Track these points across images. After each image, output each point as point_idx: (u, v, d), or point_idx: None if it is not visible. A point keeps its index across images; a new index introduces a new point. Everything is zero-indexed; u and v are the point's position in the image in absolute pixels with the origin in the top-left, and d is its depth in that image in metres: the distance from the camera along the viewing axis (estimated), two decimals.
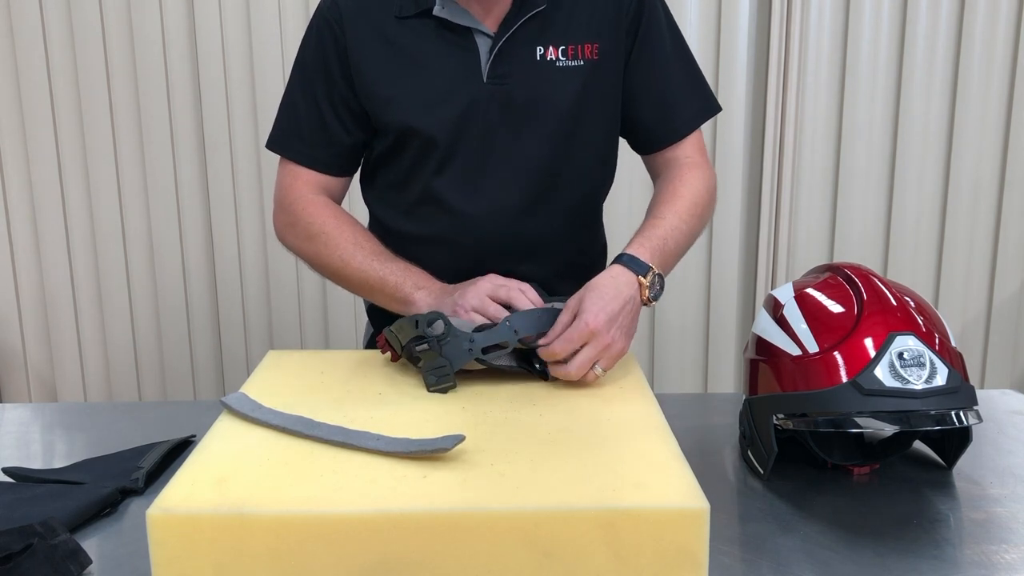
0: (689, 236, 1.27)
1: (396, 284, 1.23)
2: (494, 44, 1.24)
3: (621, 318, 1.10)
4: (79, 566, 0.85)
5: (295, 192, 1.33)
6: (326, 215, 1.30)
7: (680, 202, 1.27)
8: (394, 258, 1.27)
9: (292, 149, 1.33)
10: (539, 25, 1.25)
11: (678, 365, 2.64)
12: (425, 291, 1.21)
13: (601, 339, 1.07)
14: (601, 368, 1.08)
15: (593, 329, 1.06)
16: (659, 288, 1.17)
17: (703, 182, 1.32)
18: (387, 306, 1.26)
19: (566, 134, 1.28)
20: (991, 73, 2.45)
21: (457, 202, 1.29)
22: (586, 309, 1.08)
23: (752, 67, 2.47)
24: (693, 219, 1.27)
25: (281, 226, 1.35)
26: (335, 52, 1.27)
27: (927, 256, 2.56)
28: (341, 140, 1.32)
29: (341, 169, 1.35)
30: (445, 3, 1.23)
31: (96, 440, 1.22)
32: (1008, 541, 0.93)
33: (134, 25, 2.43)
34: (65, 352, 2.66)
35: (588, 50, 1.26)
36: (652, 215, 1.26)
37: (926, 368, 0.96)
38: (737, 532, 0.96)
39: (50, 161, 2.52)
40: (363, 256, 1.26)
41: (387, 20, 1.26)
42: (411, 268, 1.25)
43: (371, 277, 1.25)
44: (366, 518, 0.76)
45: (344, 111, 1.30)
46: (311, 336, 2.62)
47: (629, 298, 1.12)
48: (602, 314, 1.08)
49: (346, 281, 1.29)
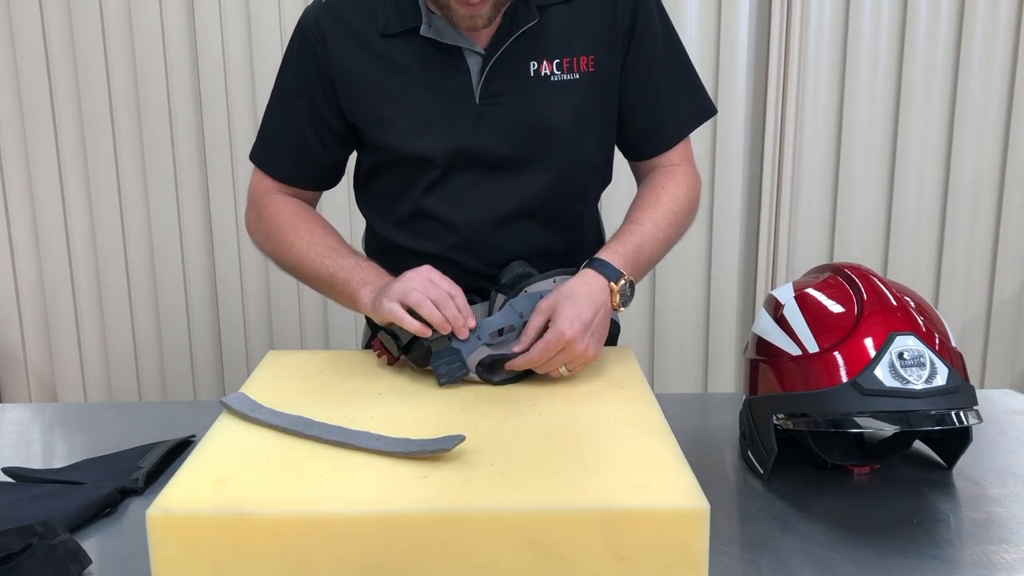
0: (665, 244, 1.27)
1: (344, 281, 1.19)
2: (485, 62, 1.20)
3: (594, 325, 1.11)
4: (79, 566, 0.85)
5: (262, 190, 1.33)
6: (287, 212, 1.30)
7: (659, 210, 1.26)
8: (348, 254, 1.23)
9: (270, 165, 1.32)
10: (532, 39, 1.21)
11: (678, 365, 2.64)
12: (370, 287, 1.17)
13: (576, 347, 1.08)
14: (567, 370, 1.10)
15: (569, 338, 1.07)
16: (629, 295, 1.18)
17: (685, 190, 1.31)
18: (341, 303, 1.23)
19: (563, 149, 1.25)
20: (991, 73, 2.45)
21: (450, 217, 1.26)
22: (561, 316, 1.09)
23: (752, 67, 2.47)
24: (671, 228, 1.27)
25: (251, 224, 1.35)
26: (316, 73, 1.24)
27: (927, 256, 2.56)
28: (318, 158, 1.30)
29: (317, 185, 1.35)
30: (433, 21, 1.19)
31: (96, 440, 1.22)
32: (1008, 541, 0.93)
33: (134, 25, 2.43)
34: (65, 352, 2.66)
35: (584, 62, 1.23)
36: (630, 220, 1.26)
37: (926, 368, 0.96)
38: (737, 532, 0.96)
39: (50, 161, 2.52)
40: (316, 252, 1.24)
41: (372, 37, 1.22)
42: (361, 264, 1.21)
43: (323, 274, 1.23)
44: (366, 518, 0.76)
45: (324, 130, 1.28)
46: (311, 336, 2.62)
47: (602, 303, 1.13)
48: (577, 322, 1.08)
49: (304, 278, 1.27)
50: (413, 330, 1.08)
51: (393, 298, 1.10)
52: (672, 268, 2.54)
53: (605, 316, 1.14)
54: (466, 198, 1.25)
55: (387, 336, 1.13)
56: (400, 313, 1.08)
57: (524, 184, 1.25)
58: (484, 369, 1.10)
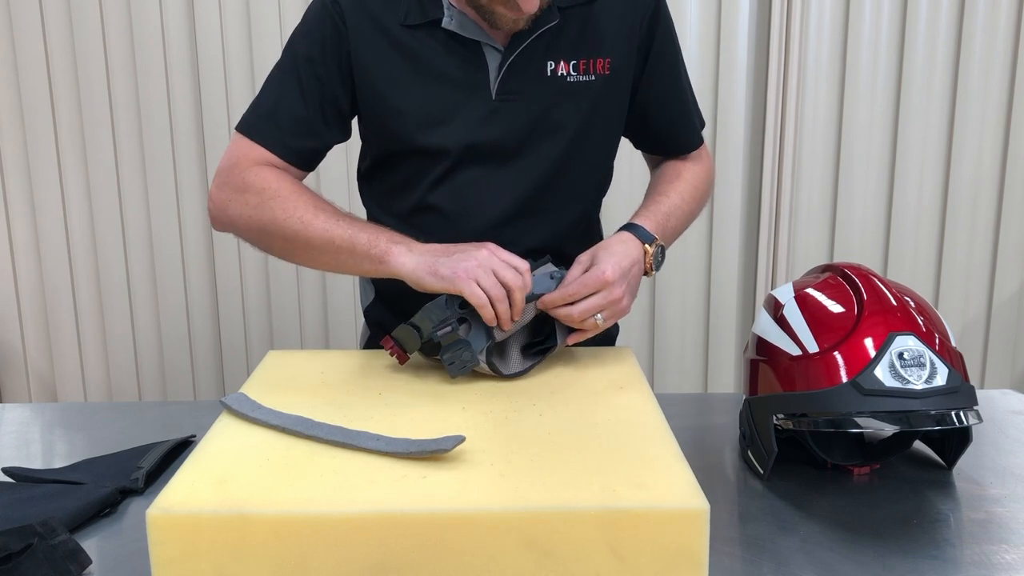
0: (688, 217, 1.33)
1: (368, 241, 1.13)
2: (504, 59, 1.20)
3: (631, 276, 1.15)
4: (79, 566, 0.85)
5: (248, 161, 1.23)
6: (282, 179, 1.21)
7: (683, 183, 1.33)
8: (361, 220, 1.20)
9: (267, 136, 1.24)
10: (551, 39, 1.21)
11: (678, 365, 2.64)
12: (403, 246, 1.12)
13: (613, 291, 1.12)
14: (602, 318, 1.12)
15: (608, 279, 1.11)
16: (661, 259, 1.22)
17: (704, 171, 1.39)
18: (356, 268, 1.16)
19: (570, 149, 1.26)
20: (991, 73, 2.45)
21: (454, 212, 1.26)
22: (602, 259, 1.14)
23: (752, 68, 2.47)
24: (693, 202, 1.33)
25: (226, 198, 1.23)
26: (335, 50, 1.22)
27: (927, 256, 2.56)
28: (320, 136, 1.26)
29: (308, 164, 1.29)
30: (454, 15, 1.19)
31: (96, 440, 1.22)
32: (1008, 541, 0.93)
33: (134, 25, 2.43)
34: (65, 352, 2.66)
35: (600, 65, 1.24)
36: (655, 192, 1.32)
37: (926, 368, 0.96)
38: (737, 532, 0.96)
39: (50, 161, 2.52)
40: (326, 217, 1.17)
41: (393, 26, 1.21)
42: (381, 227, 1.17)
43: (337, 236, 1.15)
44: (366, 518, 0.76)
45: (331, 109, 1.25)
46: (311, 336, 2.62)
47: (637, 259, 1.18)
48: (617, 268, 1.13)
49: (305, 245, 1.17)
50: (487, 318, 1.06)
51: (467, 275, 1.06)
52: (672, 268, 2.54)
53: (639, 273, 1.18)
54: (472, 194, 1.26)
55: (408, 329, 1.10)
56: (477, 293, 1.05)
57: (529, 182, 1.26)
58: (495, 357, 1.10)
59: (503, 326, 1.09)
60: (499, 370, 1.10)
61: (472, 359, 1.08)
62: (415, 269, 1.10)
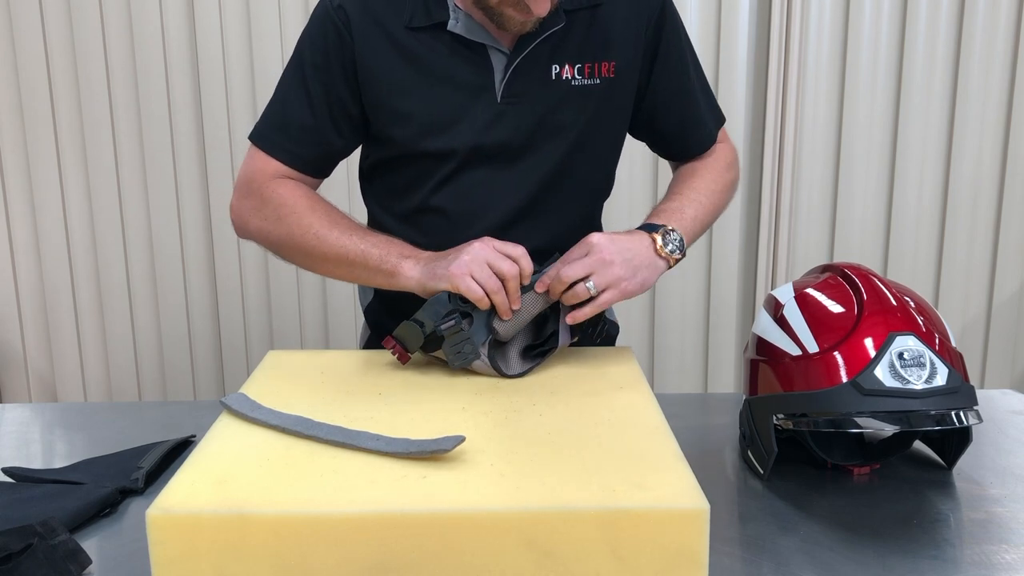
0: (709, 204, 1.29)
1: (380, 256, 1.17)
2: (510, 62, 1.20)
3: (626, 252, 1.13)
4: (79, 566, 0.85)
5: (265, 176, 1.27)
6: (300, 194, 1.25)
7: (696, 179, 1.32)
8: (373, 232, 1.22)
9: (277, 146, 1.27)
10: (556, 42, 1.21)
11: (678, 365, 2.64)
12: (412, 260, 1.16)
13: (599, 252, 1.11)
14: (593, 285, 1.10)
15: (595, 242, 1.11)
16: (677, 243, 1.19)
17: (723, 159, 1.38)
18: (369, 281, 1.20)
19: (573, 152, 1.26)
20: (991, 73, 2.45)
21: (457, 214, 1.26)
22: (594, 233, 1.15)
23: (752, 67, 2.47)
24: (713, 194, 1.31)
25: (246, 211, 1.27)
26: (340, 56, 1.22)
27: (927, 256, 2.56)
28: (331, 143, 1.27)
29: (321, 172, 1.31)
30: (460, 17, 1.19)
31: (96, 440, 1.22)
32: (1008, 541, 0.93)
33: (134, 25, 2.43)
34: (65, 352, 2.66)
35: (605, 68, 1.23)
36: (667, 193, 1.31)
37: (926, 368, 0.96)
38: (737, 532, 0.96)
39: (50, 161, 2.52)
40: (340, 232, 1.20)
41: (397, 29, 1.21)
42: (393, 240, 1.20)
43: (351, 251, 1.18)
44: (366, 518, 0.76)
45: (340, 115, 1.25)
46: (311, 336, 2.62)
47: (636, 242, 1.16)
48: (603, 236, 1.13)
49: (322, 259, 1.22)
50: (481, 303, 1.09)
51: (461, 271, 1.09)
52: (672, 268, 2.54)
53: (643, 254, 1.15)
54: (475, 196, 1.26)
55: (411, 325, 1.11)
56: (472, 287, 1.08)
57: (532, 185, 1.26)
58: (495, 352, 1.11)
59: (502, 316, 1.10)
60: (501, 368, 1.11)
61: (474, 351, 1.09)
62: (419, 279, 1.14)
